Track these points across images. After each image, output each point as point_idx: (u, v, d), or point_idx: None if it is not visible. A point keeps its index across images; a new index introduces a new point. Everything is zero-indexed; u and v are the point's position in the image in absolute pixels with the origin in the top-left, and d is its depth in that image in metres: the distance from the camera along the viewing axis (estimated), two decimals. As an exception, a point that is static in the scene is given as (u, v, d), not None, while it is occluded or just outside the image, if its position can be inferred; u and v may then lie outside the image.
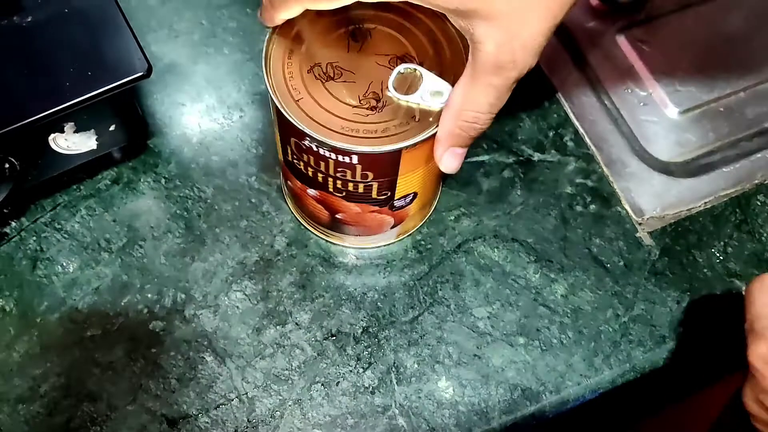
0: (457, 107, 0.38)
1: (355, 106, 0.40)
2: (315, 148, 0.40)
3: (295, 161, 0.43)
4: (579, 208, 0.53)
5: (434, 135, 0.40)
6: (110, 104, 0.45)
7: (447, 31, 0.42)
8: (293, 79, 0.41)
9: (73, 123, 0.46)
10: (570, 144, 0.55)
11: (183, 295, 0.49)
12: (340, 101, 0.40)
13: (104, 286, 0.49)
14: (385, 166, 0.41)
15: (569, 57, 0.58)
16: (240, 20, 0.58)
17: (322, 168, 0.41)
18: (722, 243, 0.52)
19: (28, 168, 0.47)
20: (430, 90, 0.40)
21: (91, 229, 0.50)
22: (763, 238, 0.53)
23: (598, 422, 0.52)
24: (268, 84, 0.40)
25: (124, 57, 0.45)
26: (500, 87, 0.37)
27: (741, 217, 0.53)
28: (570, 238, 0.52)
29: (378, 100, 0.40)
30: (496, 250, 0.51)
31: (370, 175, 0.41)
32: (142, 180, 0.52)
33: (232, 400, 0.46)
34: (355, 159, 0.40)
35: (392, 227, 0.48)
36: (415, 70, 0.41)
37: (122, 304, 0.48)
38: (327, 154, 0.40)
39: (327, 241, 0.50)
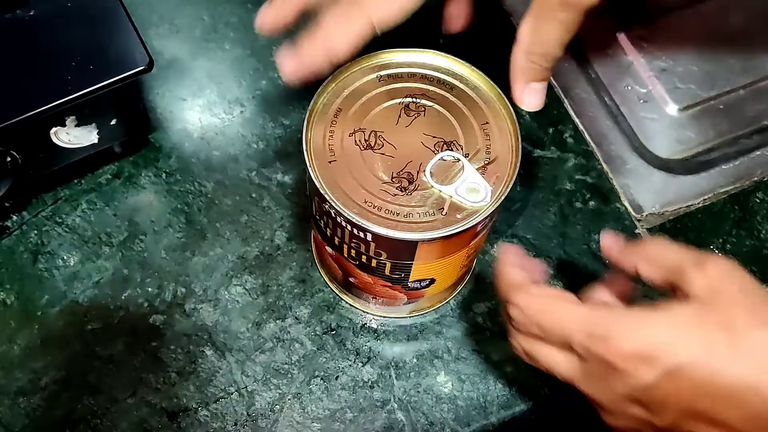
0: (526, 44, 0.38)
1: (385, 182, 0.39)
2: (333, 214, 0.39)
3: (317, 217, 0.42)
4: (578, 205, 0.53)
5: (456, 233, 0.37)
6: (112, 98, 0.46)
7: (502, 125, 0.40)
8: (333, 138, 0.40)
9: (74, 117, 0.46)
10: (569, 140, 0.55)
11: (183, 289, 0.49)
12: (372, 174, 0.39)
13: (105, 280, 0.49)
14: (400, 251, 0.39)
15: (569, 53, 0.58)
16: (241, 15, 0.58)
17: (338, 234, 0.40)
18: (721, 240, 0.52)
19: (30, 162, 0.47)
20: (468, 185, 0.38)
21: (92, 223, 0.51)
22: (761, 236, 0.53)
23: (597, 418, 0.52)
24: (304, 138, 0.39)
25: (126, 51, 0.45)
26: (568, 21, 0.37)
27: (740, 214, 0.53)
28: (569, 234, 0.52)
29: (411, 182, 0.39)
30: (495, 245, 0.51)
31: (384, 255, 0.40)
32: (143, 174, 0.52)
33: (232, 393, 0.46)
34: (369, 236, 0.38)
35: (405, 303, 0.46)
36: (458, 160, 0.39)
37: (123, 297, 0.49)
38: (343, 223, 0.38)
39: (340, 297, 0.49)
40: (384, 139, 0.40)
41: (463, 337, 0.48)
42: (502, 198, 0.38)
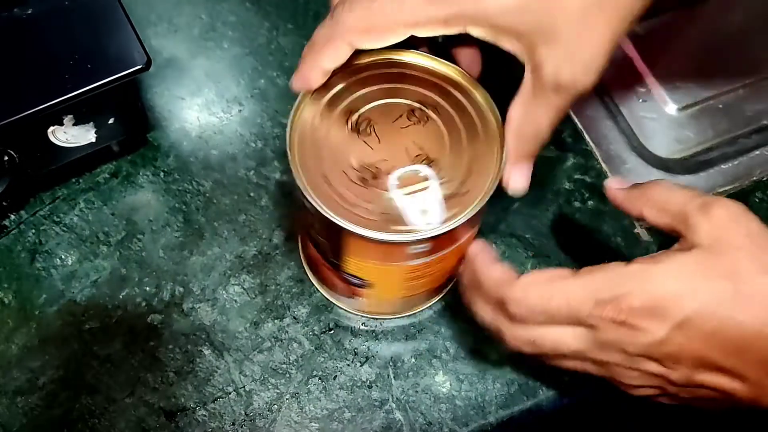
0: (516, 124, 0.38)
1: (352, 167, 0.39)
2: (293, 177, 0.39)
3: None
4: (577, 204, 0.53)
5: (382, 241, 0.37)
6: (109, 97, 0.45)
7: (489, 167, 0.39)
8: (328, 111, 0.40)
9: (72, 116, 0.46)
10: (568, 140, 0.55)
11: (181, 289, 0.49)
12: (345, 155, 0.39)
13: (103, 279, 0.49)
14: (331, 234, 0.39)
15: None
16: (239, 14, 0.58)
17: (298, 197, 0.40)
18: (720, 240, 0.52)
19: (27, 161, 0.47)
20: (421, 205, 0.38)
21: (90, 223, 0.50)
22: (760, 235, 0.53)
23: (595, 417, 0.52)
24: (296, 103, 0.39)
25: (124, 50, 0.45)
26: (560, 106, 0.37)
27: (739, 213, 0.53)
28: (568, 234, 0.52)
29: (374, 178, 0.39)
30: (494, 245, 0.51)
31: (322, 233, 0.40)
32: (141, 173, 0.52)
33: (230, 393, 0.46)
34: (310, 208, 0.38)
35: (350, 297, 0.46)
36: (427, 178, 0.39)
37: (120, 297, 0.48)
38: (299, 187, 0.38)
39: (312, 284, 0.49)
40: (374, 130, 0.40)
41: (462, 337, 0.48)
42: (444, 230, 0.37)
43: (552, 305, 0.37)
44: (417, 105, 0.41)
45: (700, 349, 0.35)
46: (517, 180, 0.39)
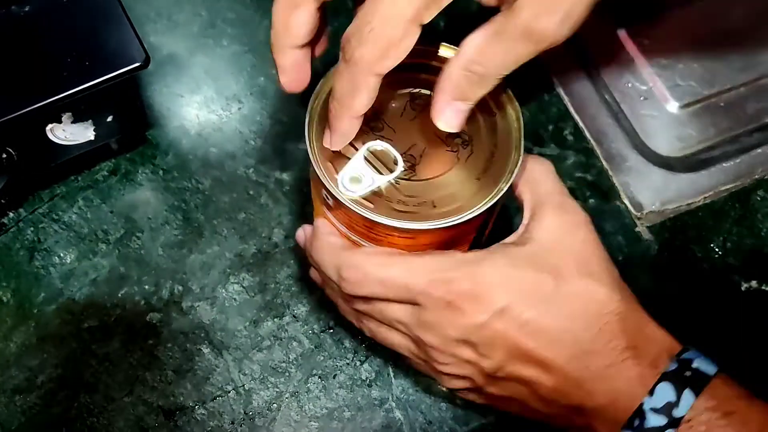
0: (467, 57, 0.35)
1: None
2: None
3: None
4: (578, 202, 0.52)
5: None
6: (108, 95, 0.45)
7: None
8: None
9: (70, 113, 0.45)
10: (569, 138, 0.55)
11: (180, 287, 0.49)
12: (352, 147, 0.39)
13: (101, 278, 0.49)
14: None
15: (569, 50, 0.58)
16: (239, 12, 0.58)
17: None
18: (721, 238, 0.52)
19: (26, 158, 0.46)
20: (351, 173, 0.38)
21: (89, 221, 0.50)
22: (762, 234, 0.52)
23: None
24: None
25: (122, 47, 0.44)
26: (522, 54, 0.34)
27: (740, 212, 0.53)
28: (569, 233, 0.51)
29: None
30: (494, 243, 0.51)
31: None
32: (140, 171, 0.52)
33: (229, 392, 0.46)
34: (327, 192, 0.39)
35: None
36: (395, 162, 0.39)
37: (119, 295, 0.48)
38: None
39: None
40: (386, 124, 0.40)
41: (462, 336, 0.48)
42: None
43: (390, 274, 0.38)
44: (416, 90, 0.41)
45: (515, 336, 0.36)
46: (451, 118, 0.37)
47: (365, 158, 0.39)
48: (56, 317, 0.47)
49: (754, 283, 0.51)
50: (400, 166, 0.39)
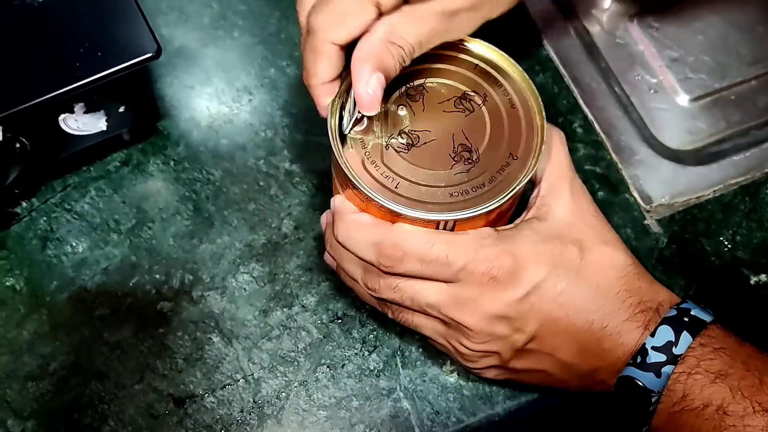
0: (390, 31, 0.37)
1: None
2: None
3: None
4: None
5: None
6: (120, 85, 0.46)
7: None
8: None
9: (82, 104, 0.46)
10: (579, 131, 0.55)
11: (191, 277, 0.49)
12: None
13: (113, 267, 0.49)
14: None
15: (579, 43, 0.58)
16: (250, 3, 0.58)
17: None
18: (731, 232, 0.52)
19: (39, 148, 0.47)
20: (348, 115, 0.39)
21: (101, 210, 0.51)
22: (772, 227, 0.52)
23: (602, 410, 0.52)
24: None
25: (134, 38, 0.45)
26: (448, 30, 0.38)
27: (750, 205, 0.53)
28: (577, 225, 0.52)
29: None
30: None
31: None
32: (151, 162, 0.52)
33: (239, 380, 0.47)
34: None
35: None
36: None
37: (131, 284, 0.49)
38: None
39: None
40: (423, 99, 0.41)
41: (470, 327, 0.48)
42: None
43: (432, 251, 0.38)
44: (469, 92, 0.41)
45: (549, 308, 0.39)
46: (375, 93, 0.38)
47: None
48: (68, 306, 0.48)
49: (763, 277, 0.51)
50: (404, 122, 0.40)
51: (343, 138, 0.40)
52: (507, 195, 0.38)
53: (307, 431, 0.46)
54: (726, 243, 0.52)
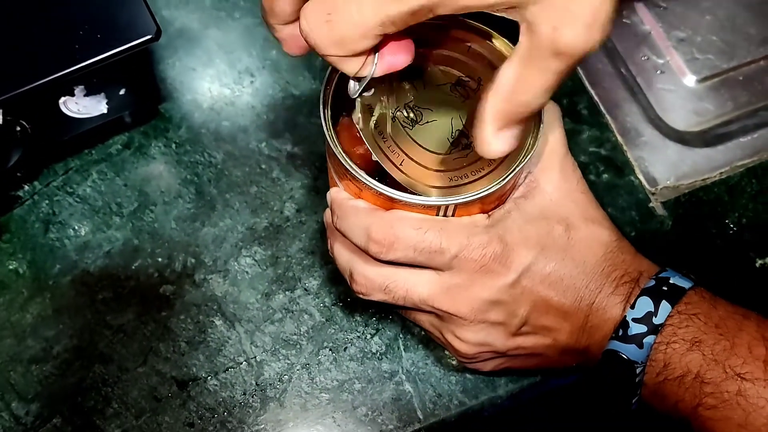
0: (507, 91, 0.32)
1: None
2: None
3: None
4: (592, 177, 0.52)
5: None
6: (120, 68, 0.45)
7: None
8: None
9: (83, 86, 0.46)
10: (584, 112, 0.54)
11: (193, 260, 0.49)
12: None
13: (115, 250, 0.49)
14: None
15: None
16: (251, -16, 0.57)
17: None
18: (737, 214, 0.51)
19: (40, 131, 0.47)
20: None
21: (103, 194, 0.51)
22: (779, 210, 0.52)
23: (604, 392, 0.52)
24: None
25: (134, 20, 0.44)
26: (560, 71, 0.31)
27: (757, 188, 0.52)
28: (581, 208, 0.51)
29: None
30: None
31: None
32: (153, 145, 0.52)
33: (241, 363, 0.47)
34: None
35: None
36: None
37: (133, 267, 0.49)
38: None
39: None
40: (420, 108, 0.40)
41: (473, 310, 0.48)
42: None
43: (424, 237, 0.38)
44: (463, 78, 0.41)
45: (539, 289, 0.39)
46: (502, 145, 0.34)
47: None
48: (71, 289, 0.48)
49: (769, 260, 0.50)
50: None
51: (336, 126, 0.39)
52: (507, 177, 0.38)
53: (309, 414, 0.46)
54: (732, 226, 0.51)
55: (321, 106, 0.39)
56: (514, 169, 0.38)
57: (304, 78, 0.54)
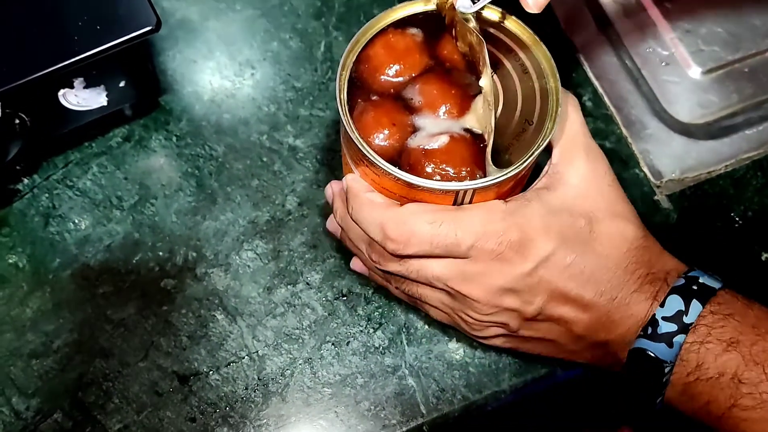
0: None
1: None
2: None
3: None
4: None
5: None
6: (120, 60, 0.45)
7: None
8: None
9: (82, 78, 0.45)
10: (589, 104, 0.54)
11: (194, 254, 0.49)
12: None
13: (116, 244, 0.49)
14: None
15: (590, 14, 0.57)
16: (252, -25, 0.57)
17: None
18: (742, 207, 0.51)
19: (39, 124, 0.46)
20: None
21: (103, 187, 0.50)
22: (784, 203, 0.51)
23: (609, 385, 0.52)
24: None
25: (133, 12, 0.44)
26: None
27: (763, 180, 0.52)
28: (586, 201, 0.51)
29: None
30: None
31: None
32: (153, 137, 0.52)
33: (243, 358, 0.46)
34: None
35: None
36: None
37: (134, 261, 0.48)
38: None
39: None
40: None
41: (476, 304, 0.48)
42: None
43: (440, 231, 0.38)
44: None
45: (557, 281, 0.39)
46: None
47: None
48: (71, 283, 0.48)
49: (774, 253, 0.50)
50: None
51: (352, 111, 0.39)
52: (526, 160, 0.38)
53: (311, 408, 0.45)
54: (737, 219, 0.51)
55: (337, 92, 0.39)
56: (533, 151, 0.38)
57: (306, 70, 0.54)
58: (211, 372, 0.46)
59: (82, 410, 0.45)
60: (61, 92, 0.45)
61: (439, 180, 0.38)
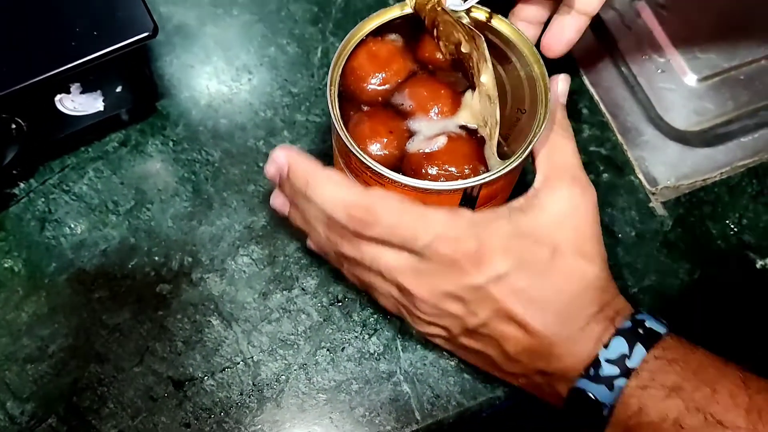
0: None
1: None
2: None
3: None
4: (591, 177, 0.51)
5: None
6: (117, 65, 0.45)
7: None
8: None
9: (79, 84, 0.45)
10: (584, 111, 0.54)
11: (190, 259, 0.49)
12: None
13: (112, 248, 0.49)
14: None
15: (586, 21, 0.57)
16: (250, -19, 0.57)
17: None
18: (737, 215, 0.51)
19: (36, 129, 0.46)
20: None
21: (99, 192, 0.50)
22: (779, 210, 0.51)
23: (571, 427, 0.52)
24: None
25: (130, 17, 0.44)
26: None
27: (758, 188, 0.52)
28: (581, 208, 0.51)
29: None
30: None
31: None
32: (149, 142, 0.52)
33: (238, 363, 0.46)
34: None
35: None
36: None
37: (129, 266, 0.48)
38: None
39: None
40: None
41: (471, 310, 0.48)
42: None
43: (401, 220, 0.38)
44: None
45: (506, 301, 0.38)
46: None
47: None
48: (67, 287, 0.48)
49: (769, 261, 0.50)
50: None
51: (346, 124, 0.39)
52: (526, 148, 0.38)
53: (306, 414, 0.45)
54: (732, 226, 0.51)
55: (330, 108, 0.39)
56: (531, 139, 0.38)
57: (302, 75, 0.54)
58: (206, 377, 0.46)
59: (77, 415, 0.45)
60: (57, 97, 0.45)
61: (444, 181, 0.38)
